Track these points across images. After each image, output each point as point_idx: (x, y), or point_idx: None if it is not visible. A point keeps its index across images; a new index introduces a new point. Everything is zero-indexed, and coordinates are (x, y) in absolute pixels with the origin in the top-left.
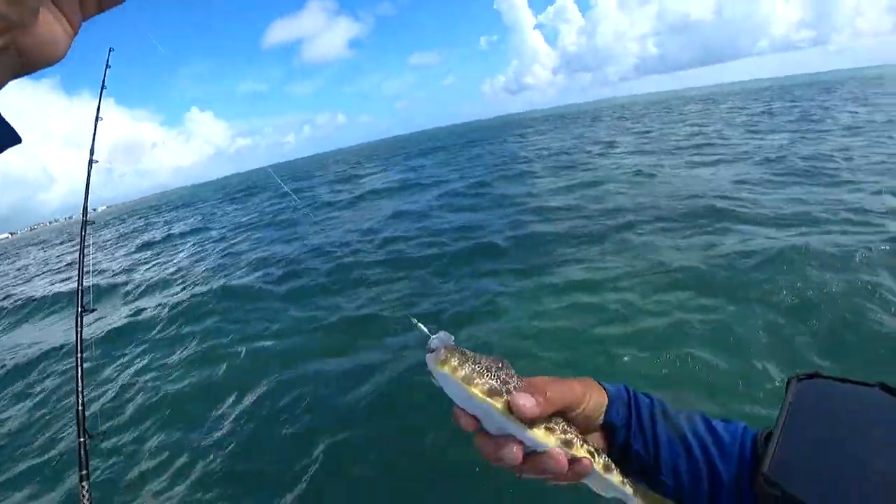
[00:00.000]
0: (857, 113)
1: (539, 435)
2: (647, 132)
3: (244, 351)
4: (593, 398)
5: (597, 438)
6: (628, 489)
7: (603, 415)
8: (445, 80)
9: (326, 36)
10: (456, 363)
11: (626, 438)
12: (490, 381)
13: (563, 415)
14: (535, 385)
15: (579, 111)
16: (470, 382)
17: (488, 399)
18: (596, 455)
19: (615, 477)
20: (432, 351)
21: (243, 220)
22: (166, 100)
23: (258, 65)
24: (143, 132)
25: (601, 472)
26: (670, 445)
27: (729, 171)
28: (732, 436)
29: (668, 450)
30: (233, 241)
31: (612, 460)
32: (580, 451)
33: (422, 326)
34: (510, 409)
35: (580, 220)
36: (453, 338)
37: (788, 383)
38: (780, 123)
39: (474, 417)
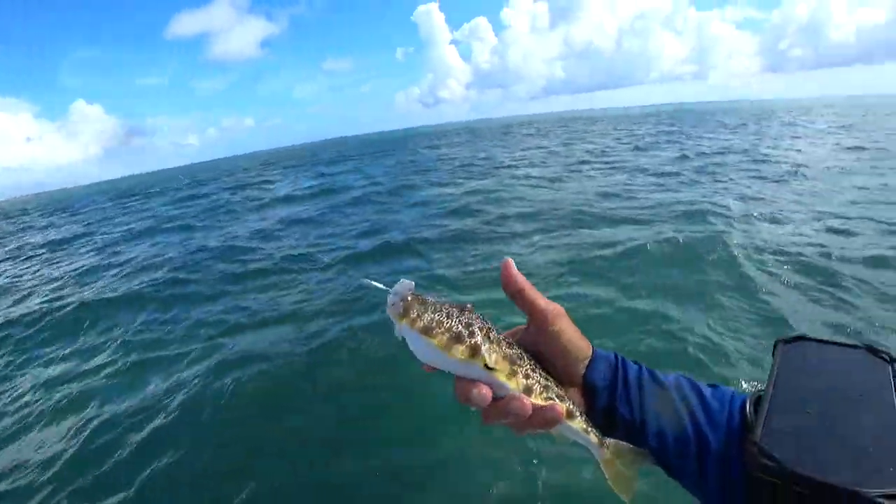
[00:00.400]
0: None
1: (501, 377)
2: (550, 146)
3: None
4: (571, 333)
5: (575, 395)
6: (593, 438)
7: (585, 367)
8: (361, 87)
9: (237, 33)
10: (415, 315)
11: (609, 401)
12: (451, 329)
13: (537, 359)
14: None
15: (489, 126)
16: (429, 333)
17: (448, 351)
18: (559, 401)
19: (577, 424)
20: (392, 305)
21: (133, 226)
22: (44, 89)
23: (159, 57)
24: (10, 123)
25: (564, 419)
26: (657, 409)
27: (613, 180)
28: (720, 402)
29: (653, 414)
30: (117, 250)
31: (594, 423)
32: (539, 399)
33: (377, 284)
34: (472, 353)
35: (478, 223)
36: (413, 284)
37: (775, 346)
38: (661, 143)
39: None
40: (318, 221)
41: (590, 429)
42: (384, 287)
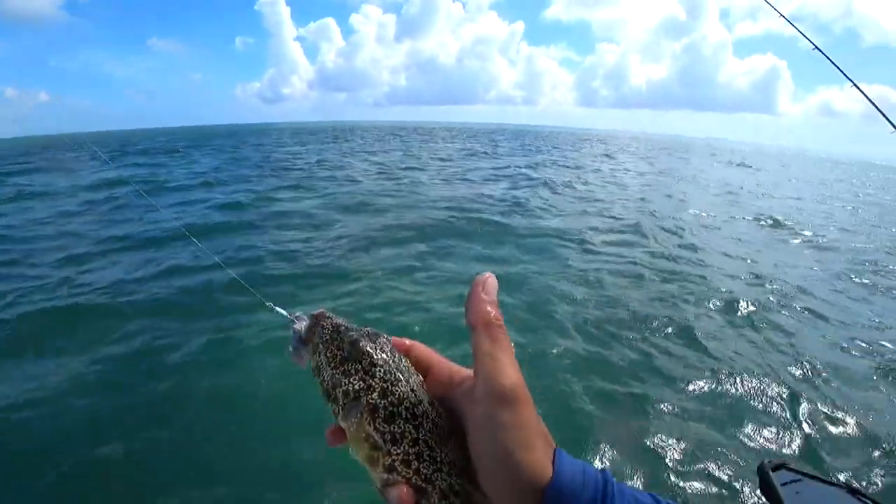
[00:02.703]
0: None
1: (363, 457)
2: (384, 152)
3: None
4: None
5: None
6: None
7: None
8: (193, 74)
9: None
10: (311, 348)
11: None
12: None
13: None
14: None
15: (333, 127)
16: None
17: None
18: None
19: None
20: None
21: None
22: None
23: None
24: None
25: None
26: None
27: (450, 187)
28: None
29: None
30: None
31: None
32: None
33: (280, 310)
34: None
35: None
36: (304, 318)
37: (764, 474)
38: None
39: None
40: None
41: None
42: (285, 314)
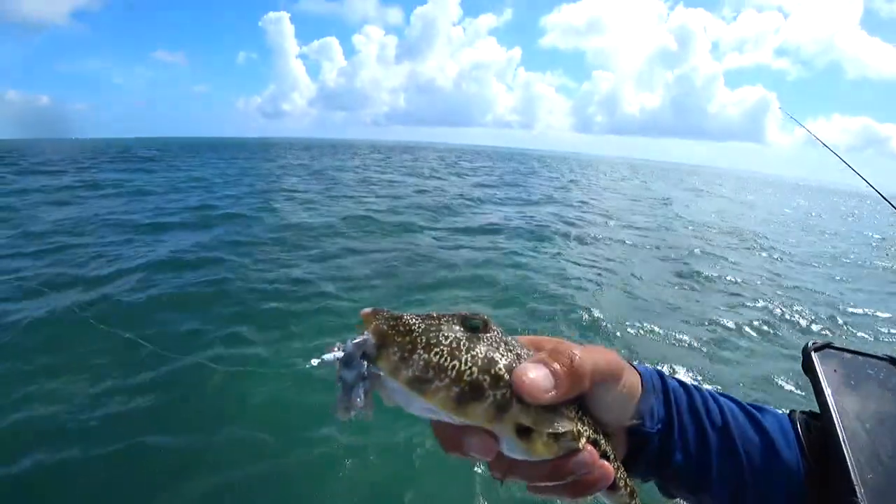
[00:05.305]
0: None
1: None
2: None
3: None
4: (629, 379)
5: (616, 439)
6: None
7: (634, 408)
8: (196, 87)
9: None
10: (397, 358)
11: (663, 446)
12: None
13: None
14: (552, 350)
15: (333, 144)
16: (424, 389)
17: (453, 411)
18: (609, 461)
19: (620, 499)
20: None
21: None
22: None
23: None
24: None
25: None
26: (720, 457)
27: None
28: (786, 438)
29: (717, 462)
30: None
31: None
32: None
33: (326, 357)
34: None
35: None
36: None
37: (806, 355)
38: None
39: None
40: None
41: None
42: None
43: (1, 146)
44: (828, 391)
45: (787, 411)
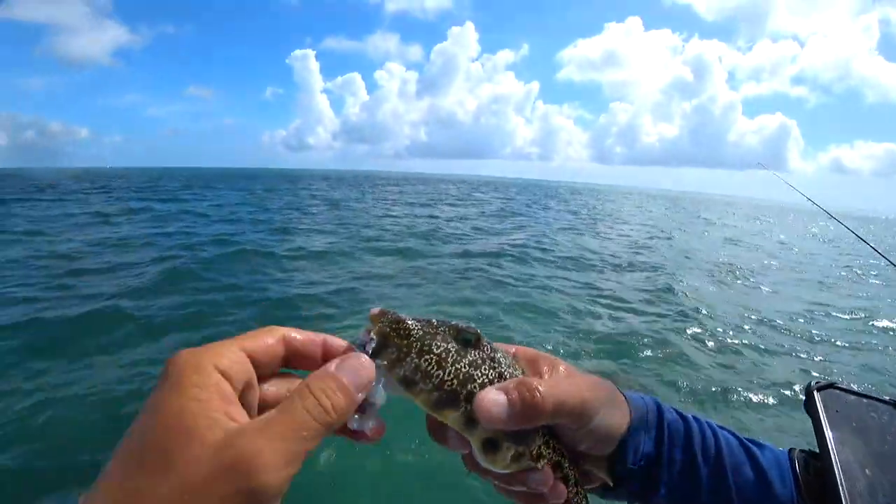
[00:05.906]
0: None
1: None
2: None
3: None
4: (607, 420)
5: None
6: None
7: (616, 443)
8: (224, 119)
9: (87, 33)
10: (394, 357)
11: (647, 481)
12: (439, 380)
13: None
14: (520, 381)
15: (355, 176)
16: (412, 388)
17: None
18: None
19: None
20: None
21: None
22: None
23: None
24: None
25: None
26: (709, 492)
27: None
28: (781, 475)
29: (709, 495)
30: None
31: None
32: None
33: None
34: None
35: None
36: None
37: (808, 394)
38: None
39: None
40: None
41: None
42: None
43: (42, 175)
44: (828, 432)
45: (788, 449)
